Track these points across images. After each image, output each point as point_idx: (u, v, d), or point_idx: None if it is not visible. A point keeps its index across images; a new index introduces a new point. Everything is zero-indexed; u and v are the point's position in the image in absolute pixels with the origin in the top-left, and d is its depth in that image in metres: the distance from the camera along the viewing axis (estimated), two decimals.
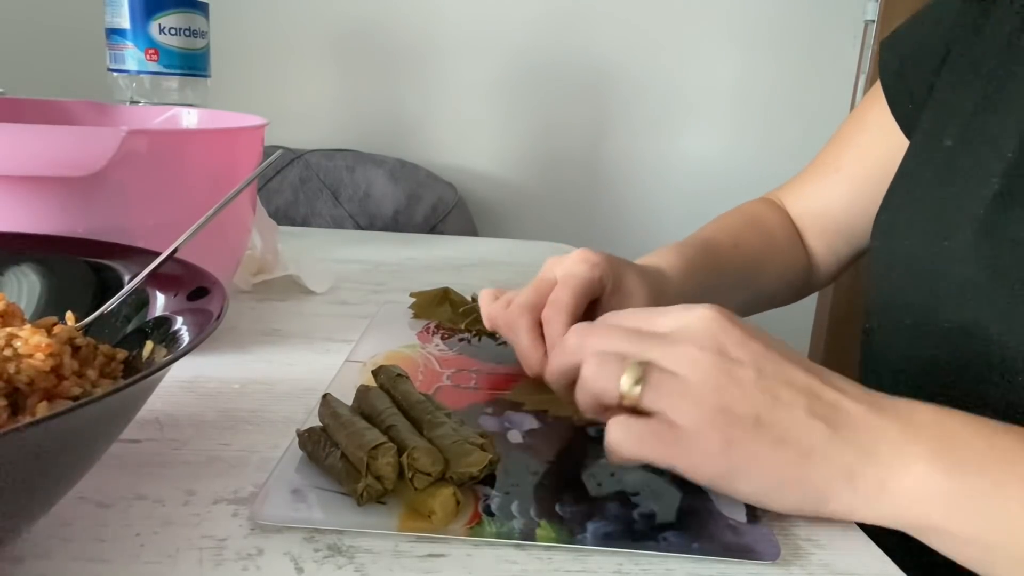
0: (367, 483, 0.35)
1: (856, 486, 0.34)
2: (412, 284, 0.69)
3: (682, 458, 0.35)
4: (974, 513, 0.33)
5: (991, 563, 0.34)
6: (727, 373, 0.35)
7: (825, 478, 0.34)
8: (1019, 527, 0.33)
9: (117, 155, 0.43)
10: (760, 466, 0.34)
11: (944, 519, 0.34)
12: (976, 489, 0.33)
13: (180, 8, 0.70)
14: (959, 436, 0.35)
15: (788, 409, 0.35)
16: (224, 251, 0.56)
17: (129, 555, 0.32)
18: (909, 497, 0.34)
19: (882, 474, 0.34)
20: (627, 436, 0.35)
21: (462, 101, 1.48)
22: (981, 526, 0.33)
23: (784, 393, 0.35)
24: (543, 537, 0.34)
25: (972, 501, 0.33)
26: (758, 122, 1.53)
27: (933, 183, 0.51)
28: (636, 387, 0.36)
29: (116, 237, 0.42)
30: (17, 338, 0.31)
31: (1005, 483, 0.33)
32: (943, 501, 0.33)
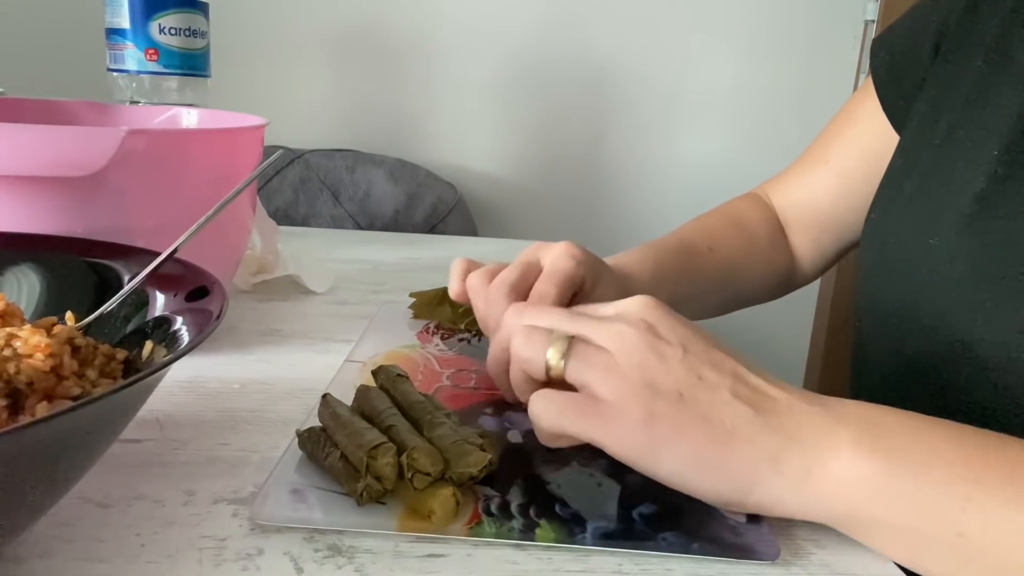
0: (367, 483, 0.35)
1: (782, 471, 0.33)
2: (412, 284, 0.69)
3: (603, 430, 0.35)
4: (901, 497, 0.32)
5: (922, 554, 0.33)
6: (653, 349, 0.35)
7: (750, 461, 0.34)
8: (948, 511, 0.32)
9: (117, 155, 0.43)
10: (682, 441, 0.34)
11: (871, 504, 0.33)
12: (903, 471, 0.33)
13: (180, 8, 0.70)
14: (884, 423, 0.35)
15: (713, 389, 0.35)
16: (224, 251, 0.56)
17: (129, 555, 0.32)
18: (835, 483, 0.33)
19: (808, 459, 0.33)
20: (547, 407, 0.36)
21: (462, 101, 1.48)
22: (909, 511, 0.32)
23: (709, 374, 0.35)
24: (543, 537, 0.34)
25: (899, 483, 0.32)
26: (758, 122, 1.53)
27: (921, 182, 0.51)
28: (561, 360, 0.36)
29: (116, 237, 0.42)
30: (17, 338, 0.32)
31: (932, 465, 0.33)
32: (870, 485, 0.33)
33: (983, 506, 0.31)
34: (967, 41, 0.52)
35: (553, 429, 0.36)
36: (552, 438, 0.37)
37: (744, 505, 0.35)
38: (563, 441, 0.37)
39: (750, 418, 0.34)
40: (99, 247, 0.41)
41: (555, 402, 0.36)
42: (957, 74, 0.51)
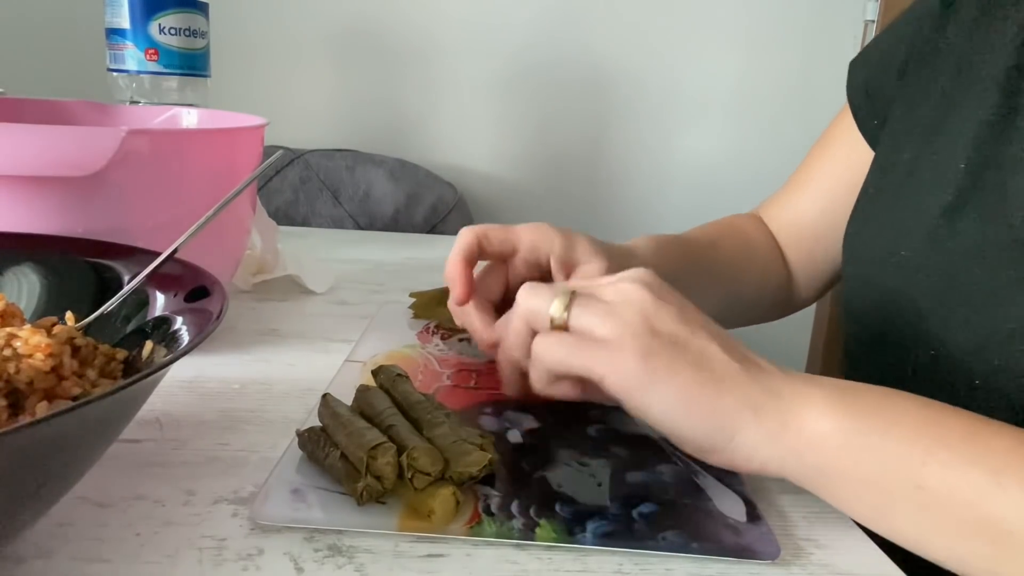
0: (367, 483, 0.35)
1: (761, 420, 0.36)
2: (412, 284, 0.69)
3: (603, 363, 0.37)
4: (866, 451, 0.35)
5: (883, 507, 0.35)
6: (652, 302, 0.38)
7: (734, 406, 0.36)
8: (908, 465, 0.34)
9: (117, 155, 0.43)
10: (675, 378, 0.36)
11: (839, 457, 0.35)
12: (869, 427, 0.35)
13: (180, 8, 0.70)
14: (856, 389, 0.37)
15: (706, 341, 0.37)
16: (224, 251, 0.56)
17: (129, 555, 0.32)
18: (808, 435, 0.35)
19: (784, 412, 0.36)
20: (551, 344, 0.38)
21: (462, 101, 1.48)
22: (873, 464, 0.34)
23: (702, 332, 0.38)
24: (543, 537, 0.34)
25: (865, 438, 0.35)
26: (758, 122, 1.53)
27: (892, 196, 0.52)
28: (565, 311, 0.38)
29: (116, 237, 0.42)
30: (17, 338, 0.32)
31: (897, 424, 0.35)
32: (838, 438, 0.35)
33: (942, 461, 0.33)
34: (934, 58, 0.53)
35: (555, 366, 0.38)
36: (549, 381, 0.39)
37: (721, 451, 0.37)
38: (559, 388, 0.39)
39: (737, 370, 0.37)
40: (99, 247, 0.41)
41: (559, 339, 0.38)
42: (925, 90, 0.53)
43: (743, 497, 0.38)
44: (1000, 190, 0.44)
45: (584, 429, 0.45)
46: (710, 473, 0.41)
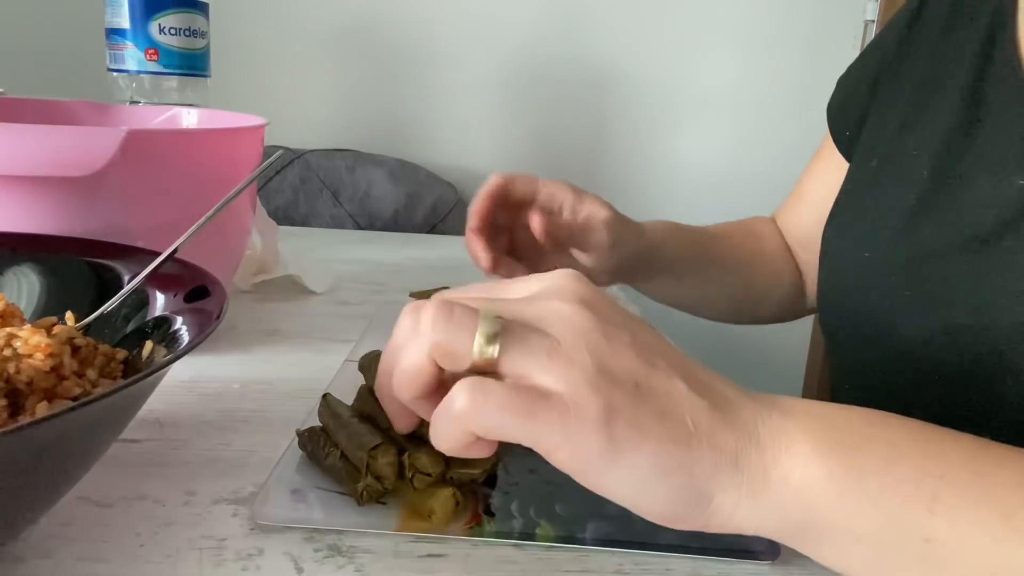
0: (367, 483, 0.35)
1: (741, 473, 0.29)
2: (412, 284, 0.69)
3: (555, 433, 0.27)
4: (866, 500, 0.29)
5: (888, 566, 0.30)
6: (602, 332, 0.29)
7: (711, 464, 0.29)
8: (914, 513, 0.29)
9: (117, 155, 0.42)
10: (643, 448, 0.28)
11: (832, 509, 0.29)
12: (866, 470, 0.29)
13: (180, 8, 0.70)
14: (834, 419, 0.31)
15: (668, 379, 0.29)
16: (224, 251, 0.56)
17: (129, 555, 0.32)
18: (796, 483, 0.29)
19: (765, 459, 0.29)
20: (484, 400, 0.27)
21: (462, 101, 1.48)
22: (873, 515, 0.29)
23: (661, 362, 0.30)
24: (543, 537, 0.34)
25: (863, 484, 0.29)
26: (758, 122, 1.53)
27: (858, 205, 0.54)
28: (492, 346, 0.28)
29: (116, 237, 0.42)
30: (17, 338, 0.31)
31: (895, 462, 0.29)
32: (832, 487, 0.29)
33: (951, 506, 0.28)
34: (902, 71, 0.55)
35: (485, 430, 0.28)
36: (467, 442, 0.28)
37: (695, 518, 0.30)
38: (477, 449, 0.29)
39: (708, 413, 0.29)
40: (99, 247, 0.41)
41: (494, 394, 0.27)
42: (893, 103, 0.54)
43: None
44: (957, 195, 0.46)
45: None
46: None
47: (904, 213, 0.48)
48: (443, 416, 0.28)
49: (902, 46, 0.56)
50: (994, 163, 0.44)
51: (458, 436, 0.28)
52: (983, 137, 0.46)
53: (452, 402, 0.28)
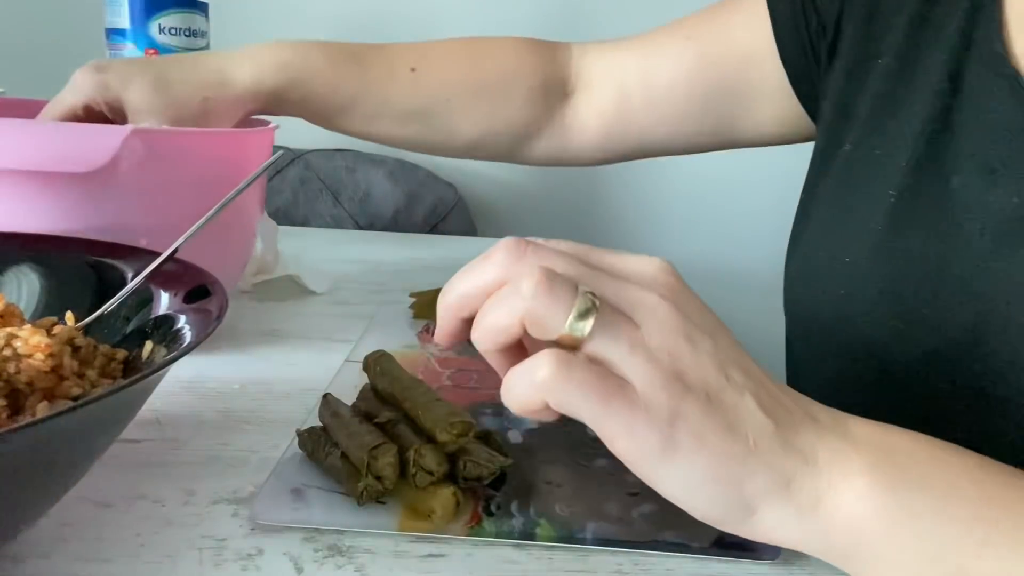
0: (367, 483, 0.35)
1: (791, 496, 0.29)
2: (412, 284, 0.69)
3: (621, 423, 0.29)
4: (915, 538, 0.29)
5: None
6: (686, 335, 0.29)
7: (764, 484, 0.29)
8: (963, 555, 0.29)
9: (120, 153, 0.42)
10: (701, 451, 0.28)
11: (880, 542, 0.29)
12: (921, 510, 0.29)
13: (180, 8, 0.70)
14: (900, 450, 0.31)
15: (739, 394, 0.29)
16: (233, 251, 0.56)
17: (129, 555, 0.32)
18: (845, 516, 0.29)
19: (820, 485, 0.29)
20: (568, 377, 0.28)
21: None
22: (920, 552, 0.29)
23: (736, 374, 0.30)
24: (543, 537, 0.34)
25: (916, 522, 0.29)
26: None
27: (833, 197, 0.50)
28: (583, 322, 0.28)
29: (119, 236, 0.42)
30: (17, 338, 0.31)
31: (951, 502, 0.29)
32: (883, 522, 0.29)
33: (999, 553, 0.28)
34: (868, 45, 0.50)
35: (560, 403, 0.28)
36: (536, 408, 0.29)
37: (738, 526, 0.30)
38: (543, 414, 0.29)
39: (771, 433, 0.29)
40: (99, 247, 0.41)
41: (578, 373, 0.28)
42: (866, 71, 0.49)
43: None
44: (939, 195, 0.43)
45: (584, 429, 0.45)
46: None
47: (884, 215, 0.45)
48: (523, 379, 0.28)
49: (863, 24, 0.50)
50: (976, 161, 0.42)
51: (531, 400, 0.29)
52: (963, 131, 0.43)
53: (536, 369, 0.28)
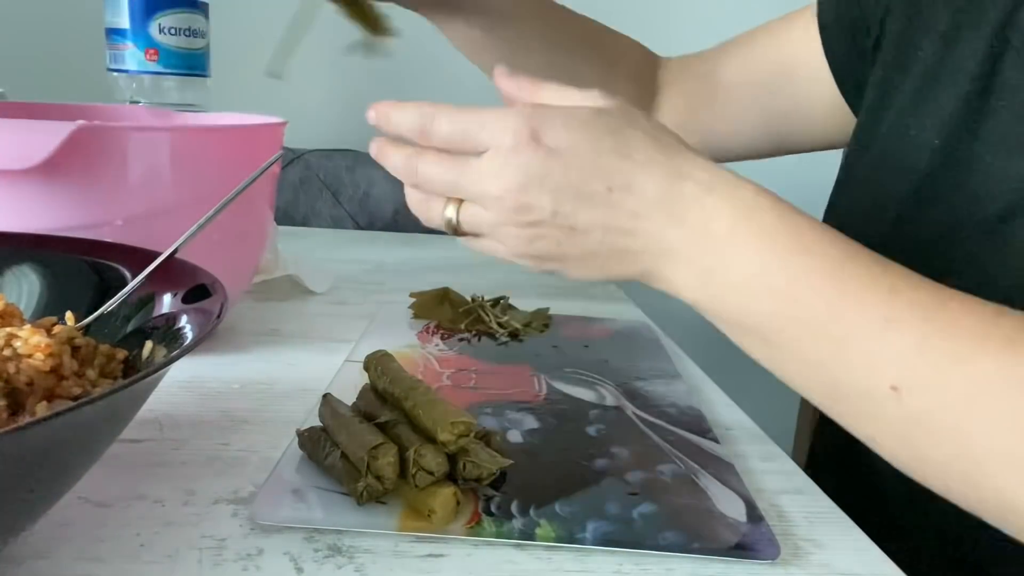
0: (367, 483, 0.35)
1: (678, 267, 0.36)
2: (412, 284, 0.69)
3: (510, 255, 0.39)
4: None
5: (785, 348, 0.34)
6: (521, 215, 0.36)
7: (650, 263, 0.37)
8: (815, 298, 0.33)
9: (61, 150, 0.42)
10: (574, 269, 0.38)
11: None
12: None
13: (180, 8, 0.70)
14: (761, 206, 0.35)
15: (585, 233, 0.36)
16: (245, 257, 0.57)
17: (129, 555, 0.32)
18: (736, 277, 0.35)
19: (708, 255, 0.35)
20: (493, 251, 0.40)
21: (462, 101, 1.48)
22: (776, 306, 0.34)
23: (583, 217, 0.36)
24: (543, 537, 0.34)
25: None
26: None
27: (869, 168, 0.52)
28: (453, 221, 0.40)
29: (83, 233, 0.42)
30: (17, 338, 0.31)
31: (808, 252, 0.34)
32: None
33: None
34: (911, 35, 0.51)
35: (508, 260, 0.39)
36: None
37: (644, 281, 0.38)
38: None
39: (620, 257, 0.37)
40: (99, 247, 0.41)
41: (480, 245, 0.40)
42: (904, 64, 0.51)
43: (743, 497, 0.38)
44: (967, 177, 0.44)
45: (584, 429, 0.45)
46: (710, 473, 0.41)
47: (911, 195, 0.47)
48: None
49: (910, 6, 0.52)
50: (1006, 144, 0.43)
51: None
52: (994, 118, 0.44)
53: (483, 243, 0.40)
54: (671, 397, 0.51)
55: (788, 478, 0.43)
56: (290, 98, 1.45)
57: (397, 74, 1.46)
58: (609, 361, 0.57)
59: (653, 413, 0.48)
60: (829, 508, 0.40)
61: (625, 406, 0.49)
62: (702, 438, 0.45)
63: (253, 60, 1.43)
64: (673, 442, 0.44)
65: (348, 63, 1.44)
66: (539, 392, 0.50)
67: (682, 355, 0.62)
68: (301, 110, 1.46)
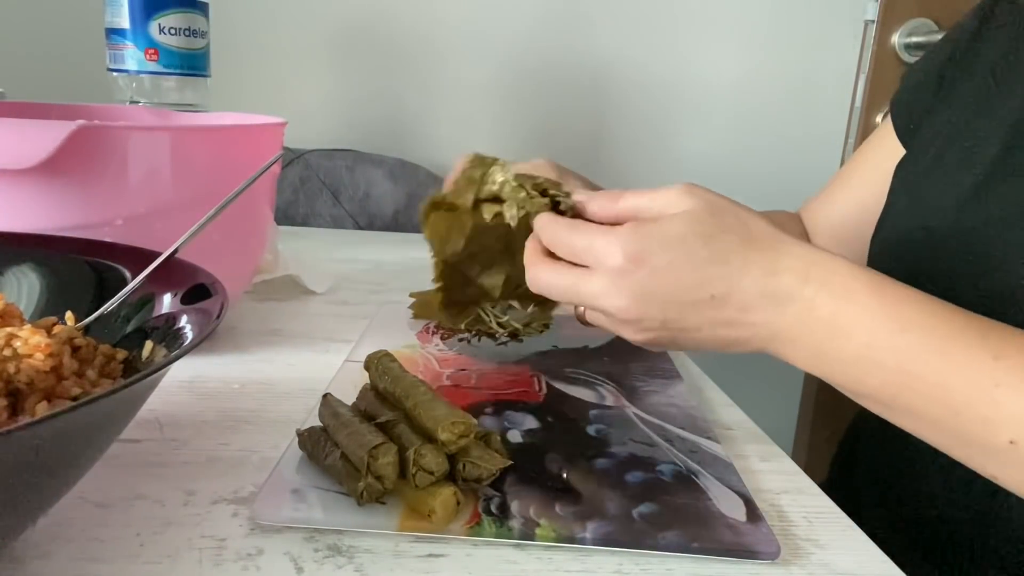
0: (367, 483, 0.35)
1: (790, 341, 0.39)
2: (412, 284, 0.69)
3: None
4: None
5: None
6: (635, 327, 0.40)
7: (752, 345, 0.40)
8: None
9: (61, 149, 0.42)
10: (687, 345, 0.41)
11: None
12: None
13: (180, 8, 0.70)
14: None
15: (696, 331, 0.39)
16: (244, 255, 0.56)
17: (129, 555, 0.32)
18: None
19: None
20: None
21: (462, 101, 1.48)
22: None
23: (690, 321, 0.39)
24: (543, 537, 0.34)
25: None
26: (758, 122, 1.53)
27: (919, 182, 0.55)
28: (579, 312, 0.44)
29: (82, 233, 0.42)
30: (17, 338, 0.31)
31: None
32: None
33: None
34: (972, 64, 0.56)
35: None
36: None
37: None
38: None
39: (732, 344, 0.40)
40: (99, 247, 0.41)
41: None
42: (962, 93, 0.55)
43: (743, 497, 0.38)
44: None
45: (584, 429, 0.45)
46: (710, 473, 0.41)
47: (969, 189, 0.49)
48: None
49: (974, 41, 0.57)
50: None
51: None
52: None
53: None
54: (671, 397, 0.51)
55: (788, 478, 0.43)
56: (290, 98, 1.45)
57: (397, 74, 1.46)
58: (609, 361, 0.57)
59: (653, 413, 0.48)
60: (829, 508, 0.40)
61: (625, 406, 0.49)
62: (702, 438, 0.45)
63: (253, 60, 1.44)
64: (673, 442, 0.44)
65: (348, 63, 1.44)
66: (539, 392, 0.50)
67: (682, 355, 0.62)
68: (301, 110, 1.46)
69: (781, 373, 1.65)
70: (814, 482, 0.43)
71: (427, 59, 1.45)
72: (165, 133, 0.49)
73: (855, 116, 1.48)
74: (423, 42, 1.44)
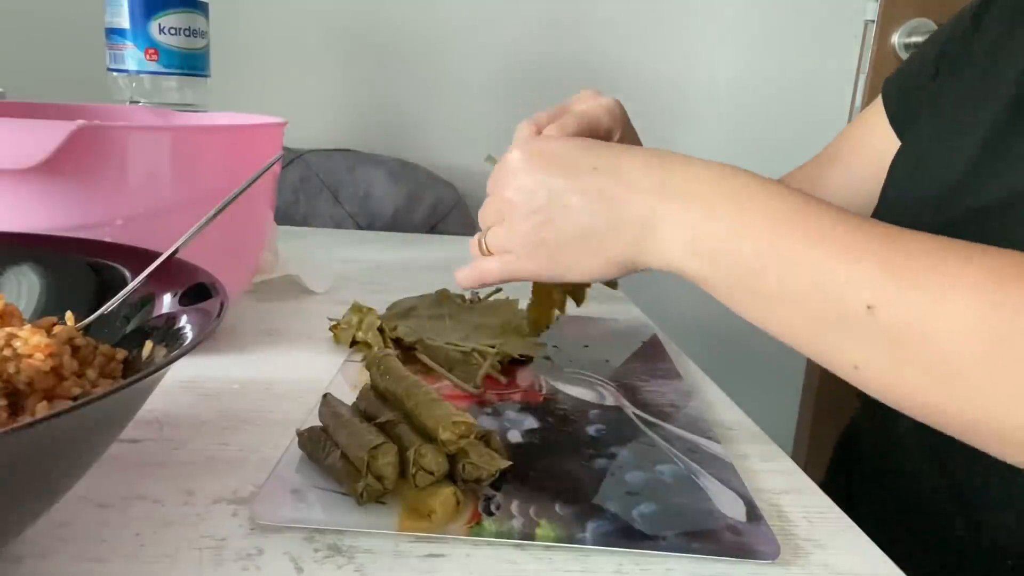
0: (367, 483, 0.35)
1: (642, 255, 0.42)
2: (412, 284, 0.69)
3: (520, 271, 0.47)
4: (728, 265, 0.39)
5: None
6: (504, 218, 0.46)
7: (618, 259, 0.42)
8: None
9: (61, 149, 0.42)
10: (570, 261, 0.44)
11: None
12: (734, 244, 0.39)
13: (180, 8, 0.70)
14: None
15: (565, 215, 0.43)
16: (244, 256, 0.56)
17: (129, 555, 0.32)
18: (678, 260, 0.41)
19: (658, 246, 0.41)
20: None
21: (462, 101, 1.48)
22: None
23: (573, 200, 0.43)
24: (543, 537, 0.34)
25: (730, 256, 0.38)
26: (758, 122, 1.53)
27: (917, 164, 0.55)
28: (483, 244, 0.50)
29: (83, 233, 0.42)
30: (17, 338, 0.31)
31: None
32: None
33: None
34: (966, 54, 0.56)
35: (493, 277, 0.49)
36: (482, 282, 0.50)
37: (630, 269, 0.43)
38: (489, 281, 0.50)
39: (613, 230, 0.42)
40: (99, 247, 0.41)
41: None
42: (957, 82, 0.55)
43: (743, 497, 0.38)
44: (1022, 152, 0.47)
45: (584, 429, 0.45)
46: (710, 473, 0.41)
47: (966, 172, 0.49)
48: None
49: (965, 40, 0.57)
50: None
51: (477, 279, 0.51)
52: None
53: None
54: (671, 397, 0.51)
55: (788, 478, 0.43)
56: (290, 98, 1.45)
57: (397, 74, 1.46)
58: (609, 361, 0.57)
59: (653, 413, 0.48)
60: (829, 508, 0.40)
61: (625, 406, 0.49)
62: (702, 438, 0.45)
63: (253, 60, 1.44)
64: (673, 442, 0.44)
65: (348, 63, 1.44)
66: (539, 392, 0.50)
67: (682, 355, 0.62)
68: (301, 110, 1.46)
69: (781, 373, 1.65)
70: (814, 482, 0.43)
71: (427, 59, 1.45)
72: (165, 133, 0.49)
73: (855, 116, 1.48)
74: (423, 42, 1.45)
